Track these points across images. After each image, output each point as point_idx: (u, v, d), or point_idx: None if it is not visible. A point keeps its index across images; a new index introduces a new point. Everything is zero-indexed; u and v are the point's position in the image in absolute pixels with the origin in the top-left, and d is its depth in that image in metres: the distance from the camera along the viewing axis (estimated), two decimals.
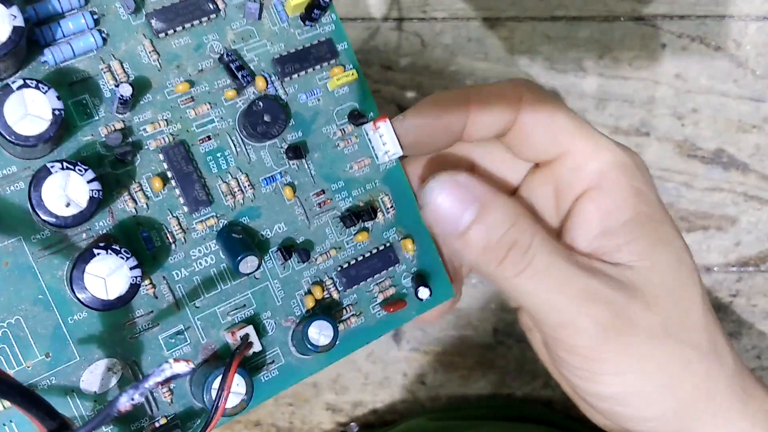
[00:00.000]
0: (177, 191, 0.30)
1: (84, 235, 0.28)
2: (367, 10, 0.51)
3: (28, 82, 0.26)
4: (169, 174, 0.30)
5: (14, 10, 0.26)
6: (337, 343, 0.31)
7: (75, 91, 0.29)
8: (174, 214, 0.30)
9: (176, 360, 0.22)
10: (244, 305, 0.31)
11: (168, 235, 0.30)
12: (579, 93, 0.53)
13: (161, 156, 0.30)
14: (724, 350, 0.32)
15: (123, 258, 0.26)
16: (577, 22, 0.52)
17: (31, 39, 0.28)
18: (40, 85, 0.26)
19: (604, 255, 0.31)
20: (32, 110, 0.26)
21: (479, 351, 0.54)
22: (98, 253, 0.26)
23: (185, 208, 0.30)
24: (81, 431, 0.22)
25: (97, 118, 0.29)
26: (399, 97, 0.52)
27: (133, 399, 0.22)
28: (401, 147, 0.32)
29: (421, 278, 0.33)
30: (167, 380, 0.22)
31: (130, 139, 0.29)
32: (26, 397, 0.22)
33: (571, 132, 0.32)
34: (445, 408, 0.54)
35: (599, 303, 0.30)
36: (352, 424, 0.52)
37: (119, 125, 0.29)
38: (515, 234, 0.30)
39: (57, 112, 0.26)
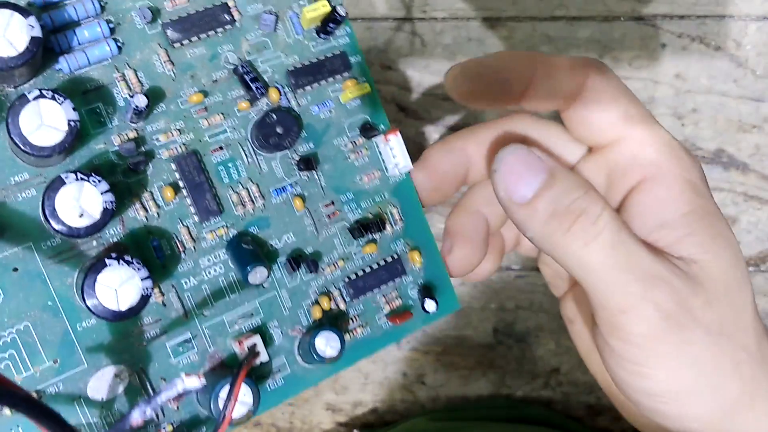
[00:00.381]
0: (188, 200, 0.30)
1: (95, 243, 0.29)
2: (368, 9, 0.51)
3: (44, 92, 0.26)
4: (181, 183, 0.30)
5: (32, 20, 0.26)
6: (344, 353, 0.31)
7: (89, 99, 0.29)
8: (184, 224, 0.30)
9: (187, 375, 0.22)
10: (252, 314, 0.31)
11: (178, 244, 0.30)
12: None
13: (173, 165, 0.30)
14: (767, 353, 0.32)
15: (134, 269, 0.27)
16: (577, 22, 0.52)
17: (47, 46, 0.28)
18: (57, 96, 0.26)
19: (666, 247, 0.30)
20: (48, 121, 0.26)
21: (479, 351, 0.54)
22: (110, 264, 0.26)
23: (196, 218, 0.30)
24: None
25: (110, 126, 0.29)
26: (399, 97, 0.52)
27: (145, 414, 0.22)
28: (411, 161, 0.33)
29: (427, 290, 0.34)
30: (179, 396, 0.22)
31: (143, 149, 0.29)
32: (38, 409, 0.22)
33: (632, 117, 0.32)
34: (445, 408, 0.54)
35: (665, 289, 0.29)
36: (355, 431, 0.52)
37: (132, 134, 0.29)
38: (585, 202, 0.29)
39: (72, 123, 0.26)
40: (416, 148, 0.51)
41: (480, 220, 0.35)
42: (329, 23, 0.31)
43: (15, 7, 0.26)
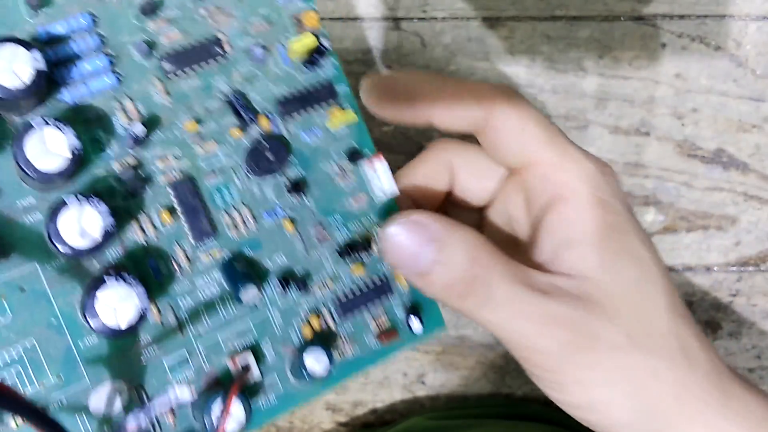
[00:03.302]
0: (184, 223, 0.31)
1: (96, 262, 0.30)
2: (367, 9, 0.51)
3: (48, 121, 0.27)
4: (177, 207, 0.31)
5: (37, 54, 0.27)
6: (333, 371, 0.33)
7: (90, 127, 0.30)
8: (181, 245, 0.31)
9: (179, 385, 0.24)
10: (245, 333, 0.32)
11: (174, 264, 0.31)
12: (579, 93, 0.53)
13: (170, 190, 0.31)
14: (696, 354, 0.33)
15: (132, 287, 0.28)
16: (577, 22, 0.52)
17: (51, 78, 0.30)
18: (60, 125, 0.28)
19: (565, 265, 0.32)
20: (52, 148, 0.27)
21: (479, 351, 0.54)
22: (109, 282, 0.28)
23: (191, 239, 0.32)
24: None
25: (110, 153, 0.31)
26: None
27: (139, 421, 0.23)
28: (396, 186, 0.34)
29: (413, 310, 0.35)
30: (171, 407, 0.23)
31: (141, 174, 0.31)
32: (43, 420, 0.23)
33: (541, 141, 0.33)
34: (445, 407, 0.54)
35: (559, 324, 0.31)
36: None
37: (131, 161, 0.31)
38: (475, 270, 0.31)
39: (75, 150, 0.28)
40: (416, 148, 0.52)
41: None
42: (315, 54, 0.33)
43: (21, 42, 0.27)
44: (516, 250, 0.35)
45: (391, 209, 0.35)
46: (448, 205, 0.38)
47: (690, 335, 0.33)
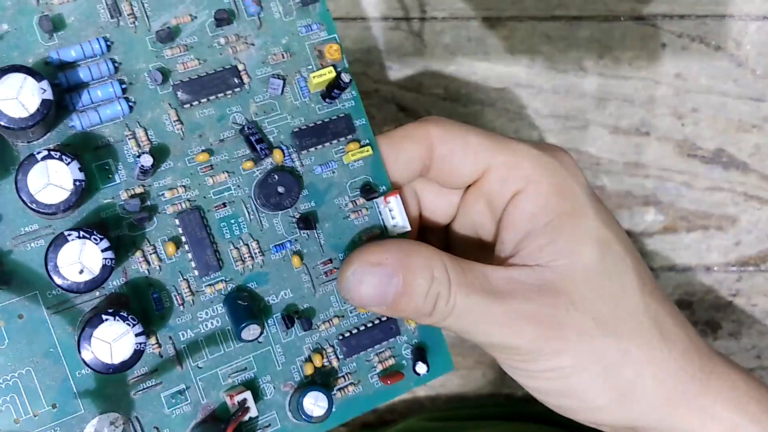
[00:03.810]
0: (189, 255, 0.31)
1: (97, 293, 0.30)
2: (367, 9, 0.51)
3: (52, 153, 0.27)
4: (183, 238, 0.31)
5: (44, 84, 0.27)
6: (333, 411, 0.32)
7: (99, 155, 0.30)
8: (185, 277, 0.31)
9: None
10: (245, 368, 0.32)
11: (177, 297, 0.31)
12: (579, 93, 0.53)
13: (177, 221, 0.31)
14: (671, 332, 0.33)
15: (129, 324, 0.28)
16: (577, 22, 0.53)
17: (61, 104, 0.29)
18: (64, 157, 0.27)
19: (528, 256, 0.33)
20: (54, 180, 0.27)
21: (479, 351, 0.54)
22: (106, 319, 0.28)
23: (196, 272, 0.31)
24: None
25: (118, 181, 0.30)
26: (399, 97, 0.52)
27: None
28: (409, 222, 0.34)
29: (420, 351, 0.34)
30: None
31: (149, 203, 0.30)
32: None
33: (488, 149, 0.34)
34: (445, 408, 0.54)
35: (524, 320, 0.31)
36: None
37: (139, 190, 0.30)
38: (436, 288, 0.31)
39: (78, 183, 0.27)
40: None
41: None
42: (334, 89, 0.32)
43: (28, 71, 0.27)
44: (482, 253, 0.35)
45: None
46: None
47: (663, 313, 0.33)
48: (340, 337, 0.33)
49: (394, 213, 0.34)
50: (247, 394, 0.31)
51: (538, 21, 0.52)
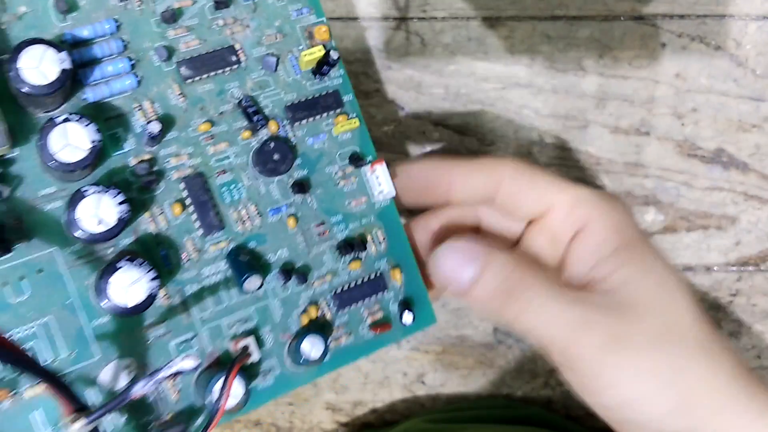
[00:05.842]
0: (194, 216, 0.34)
1: (110, 249, 0.33)
2: (367, 9, 0.51)
3: (71, 116, 0.30)
4: (188, 201, 0.34)
5: (63, 54, 0.30)
6: (328, 357, 0.35)
7: (110, 125, 0.33)
8: (190, 236, 0.34)
9: (185, 357, 0.26)
10: (247, 319, 0.35)
11: (184, 254, 0.34)
12: (579, 92, 0.53)
13: (182, 185, 0.34)
14: (720, 352, 0.36)
15: (144, 270, 0.31)
16: (577, 22, 0.52)
17: (75, 78, 0.32)
18: (82, 119, 0.30)
19: (598, 284, 0.36)
20: (73, 141, 0.30)
21: (479, 351, 0.54)
22: (122, 265, 0.30)
23: (200, 232, 0.34)
24: (99, 412, 0.26)
25: (127, 149, 0.33)
26: (399, 97, 0.52)
27: (144, 388, 0.26)
28: (395, 188, 0.37)
29: (406, 304, 0.37)
30: (174, 374, 0.26)
31: (156, 169, 0.33)
32: (57, 382, 0.26)
33: (553, 189, 0.38)
34: (445, 408, 0.55)
35: (591, 327, 0.34)
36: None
37: (147, 157, 0.33)
38: (511, 282, 0.35)
39: (94, 143, 0.30)
40: (414, 148, 0.52)
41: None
42: (324, 65, 0.36)
43: (49, 43, 0.30)
44: None
45: (389, 210, 0.37)
46: None
47: (714, 335, 0.36)
48: (333, 292, 0.36)
49: (380, 180, 0.37)
50: (250, 340, 0.34)
51: (537, 21, 0.52)
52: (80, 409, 0.27)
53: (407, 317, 0.37)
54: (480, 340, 0.54)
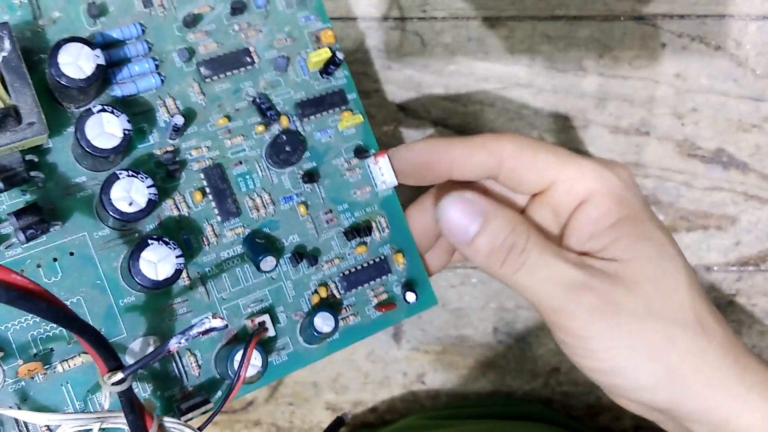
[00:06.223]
0: (213, 204, 0.37)
1: (137, 234, 0.35)
2: (367, 9, 0.52)
3: (105, 107, 0.33)
4: (207, 189, 0.37)
5: (98, 51, 0.33)
6: (337, 335, 0.38)
7: (137, 120, 0.36)
8: (209, 222, 0.37)
9: (214, 316, 0.29)
10: (262, 300, 0.37)
11: (204, 238, 0.37)
12: (579, 92, 0.53)
13: (202, 175, 0.37)
14: (711, 327, 0.36)
15: (171, 248, 0.33)
16: (577, 22, 0.53)
17: (105, 76, 0.35)
18: (115, 110, 0.33)
19: (597, 253, 0.37)
20: (107, 129, 0.33)
21: (479, 351, 0.55)
22: (151, 243, 0.33)
23: (219, 218, 0.37)
24: (138, 364, 0.28)
25: (152, 142, 0.36)
26: (399, 97, 0.53)
27: (180, 343, 0.28)
28: (396, 176, 0.40)
29: (409, 286, 0.40)
30: (206, 331, 0.29)
31: (178, 159, 0.36)
32: (95, 338, 0.28)
33: (555, 164, 0.38)
34: (445, 407, 0.55)
35: (587, 290, 0.35)
36: (347, 411, 0.55)
37: (170, 149, 0.36)
38: (513, 238, 0.36)
39: (127, 132, 0.33)
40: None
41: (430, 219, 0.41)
42: (330, 66, 0.39)
43: (85, 41, 0.33)
44: None
45: (391, 199, 0.40)
46: None
47: (706, 310, 0.37)
48: (341, 275, 0.39)
49: (383, 170, 0.40)
50: (266, 317, 0.37)
51: (537, 21, 0.52)
52: (117, 368, 0.29)
53: (410, 297, 0.40)
54: (480, 340, 0.55)
